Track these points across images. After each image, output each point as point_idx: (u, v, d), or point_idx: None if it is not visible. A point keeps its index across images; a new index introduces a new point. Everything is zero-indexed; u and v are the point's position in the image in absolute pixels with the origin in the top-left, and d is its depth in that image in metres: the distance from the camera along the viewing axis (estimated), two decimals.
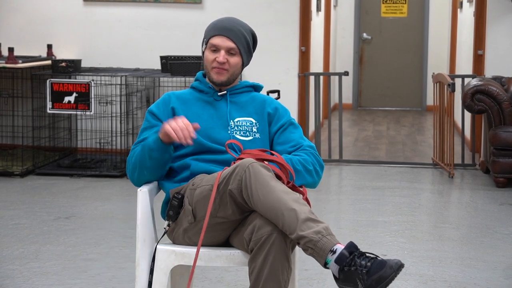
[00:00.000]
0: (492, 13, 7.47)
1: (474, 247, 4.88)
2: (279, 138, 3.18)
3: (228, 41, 3.14)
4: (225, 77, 3.16)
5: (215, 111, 3.17)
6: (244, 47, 3.18)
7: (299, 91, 7.75)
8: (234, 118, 3.16)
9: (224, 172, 2.85)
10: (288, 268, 2.78)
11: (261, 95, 3.28)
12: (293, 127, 3.20)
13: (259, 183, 2.76)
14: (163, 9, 7.62)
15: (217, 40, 3.14)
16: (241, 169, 2.80)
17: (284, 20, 7.57)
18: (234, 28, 3.16)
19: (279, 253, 2.74)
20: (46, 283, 4.11)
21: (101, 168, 6.89)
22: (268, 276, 2.73)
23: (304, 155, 3.10)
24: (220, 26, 3.17)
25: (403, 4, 12.23)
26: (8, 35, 7.68)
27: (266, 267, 2.73)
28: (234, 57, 3.16)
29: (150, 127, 3.14)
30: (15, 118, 7.42)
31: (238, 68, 3.19)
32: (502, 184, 6.54)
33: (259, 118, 3.18)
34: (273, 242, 2.73)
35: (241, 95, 3.23)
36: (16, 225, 5.23)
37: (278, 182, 2.80)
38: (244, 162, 2.82)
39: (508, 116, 6.58)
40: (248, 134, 3.14)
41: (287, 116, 3.22)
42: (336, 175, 7.21)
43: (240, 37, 3.16)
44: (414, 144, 8.93)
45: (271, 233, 2.74)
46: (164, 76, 6.88)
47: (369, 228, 5.29)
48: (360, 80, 12.50)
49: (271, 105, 3.22)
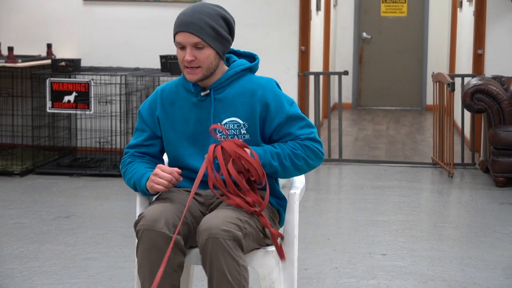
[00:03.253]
0: (492, 13, 7.47)
1: (473, 246, 4.88)
2: (278, 134, 3.02)
3: (191, 36, 2.91)
4: (199, 76, 2.95)
5: (201, 113, 3.00)
6: (211, 36, 2.91)
7: (299, 90, 7.75)
8: (221, 121, 2.98)
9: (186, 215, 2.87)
10: (238, 266, 2.75)
11: (252, 84, 3.02)
12: (291, 120, 3.00)
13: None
14: (163, 9, 7.62)
15: (180, 37, 2.93)
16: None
17: (284, 20, 7.57)
18: (195, 19, 2.90)
19: (220, 254, 2.72)
20: (46, 282, 4.11)
21: (101, 168, 6.89)
22: (219, 278, 2.73)
23: (298, 146, 2.97)
24: (180, 21, 2.93)
25: (403, 4, 12.23)
26: (7, 34, 7.68)
27: (213, 271, 2.74)
28: (203, 50, 2.92)
29: (140, 130, 3.11)
30: (14, 117, 7.42)
31: (213, 60, 2.95)
32: (502, 184, 6.54)
33: (248, 117, 2.98)
34: (212, 244, 2.72)
35: (228, 88, 3.01)
36: (15, 225, 5.23)
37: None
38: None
39: (507, 116, 6.58)
40: (236, 138, 2.98)
41: (282, 110, 2.99)
42: (336, 174, 7.21)
43: (203, 28, 2.90)
44: (413, 144, 8.92)
45: (208, 236, 2.73)
46: (164, 76, 6.88)
47: (369, 227, 5.29)
48: (360, 79, 12.49)
49: (263, 100, 2.98)
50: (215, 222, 2.75)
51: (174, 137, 3.04)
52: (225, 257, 2.72)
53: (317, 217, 5.58)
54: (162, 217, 2.81)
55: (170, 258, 2.79)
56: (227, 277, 2.72)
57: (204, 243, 2.73)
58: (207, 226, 2.76)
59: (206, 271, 2.77)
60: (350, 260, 4.57)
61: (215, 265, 2.72)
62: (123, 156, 3.15)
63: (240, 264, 2.75)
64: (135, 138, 3.13)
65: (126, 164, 3.11)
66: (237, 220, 2.80)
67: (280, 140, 3.02)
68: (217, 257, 2.72)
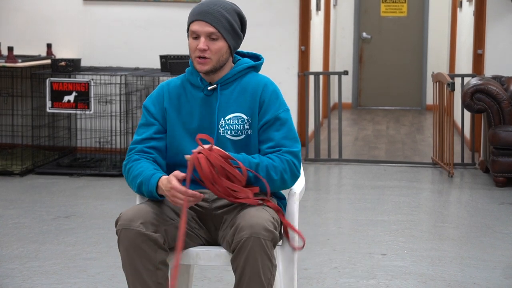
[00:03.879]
0: (492, 13, 7.47)
1: (473, 246, 4.88)
2: (261, 135, 3.00)
3: (207, 26, 2.92)
4: (209, 66, 2.95)
5: (206, 108, 3.01)
6: (226, 29, 2.94)
7: (299, 90, 7.75)
8: (225, 116, 2.99)
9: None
10: (272, 266, 2.78)
11: (255, 80, 3.05)
12: (279, 124, 2.98)
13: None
14: (163, 8, 7.62)
15: (195, 26, 2.93)
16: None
17: (284, 20, 7.57)
18: (212, 10, 2.92)
19: (260, 253, 2.73)
20: (46, 282, 4.11)
21: (101, 167, 6.89)
22: (251, 277, 2.74)
23: (277, 160, 2.93)
24: (198, 11, 2.94)
25: (402, 4, 12.23)
26: (7, 34, 7.68)
27: (248, 268, 2.74)
28: (216, 42, 2.94)
29: (147, 125, 3.05)
30: (14, 117, 7.42)
31: (224, 54, 2.96)
32: (502, 184, 6.54)
33: (251, 112, 3.00)
34: (252, 243, 2.72)
35: (234, 83, 3.03)
36: (15, 224, 5.23)
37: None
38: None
39: (507, 116, 6.58)
40: (239, 133, 2.99)
41: (274, 109, 3.00)
42: (336, 174, 7.21)
43: (220, 20, 2.92)
44: (413, 144, 8.92)
45: (250, 235, 2.73)
46: (164, 75, 6.88)
47: (368, 227, 5.29)
48: (360, 79, 12.50)
49: (262, 96, 3.01)
50: (258, 222, 2.76)
51: (179, 130, 3.02)
52: (262, 257, 2.74)
53: (317, 217, 5.58)
54: (139, 216, 2.82)
55: (151, 257, 2.81)
56: (260, 276, 2.74)
57: (245, 241, 2.73)
58: (250, 224, 2.76)
59: (236, 267, 2.77)
60: (350, 260, 4.57)
61: (251, 263, 2.74)
62: (128, 152, 3.05)
63: (273, 264, 2.79)
64: (142, 133, 3.05)
65: (132, 160, 3.01)
66: (274, 221, 2.85)
67: (261, 144, 2.99)
68: (254, 256, 2.73)
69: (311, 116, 8.40)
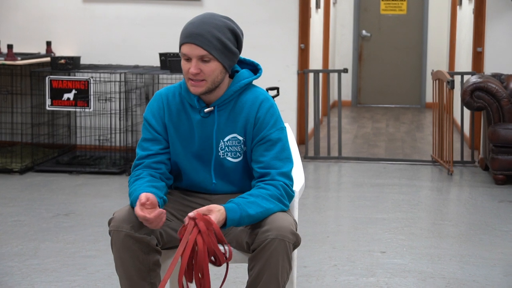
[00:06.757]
0: (491, 11, 7.47)
1: (473, 244, 4.88)
2: (253, 154, 2.93)
3: (198, 49, 2.82)
4: (203, 89, 2.88)
5: (204, 130, 2.95)
6: (218, 50, 2.84)
7: (299, 88, 7.75)
8: (224, 137, 2.95)
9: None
10: (289, 269, 2.80)
11: (252, 98, 2.96)
12: (270, 144, 2.91)
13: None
14: (162, 6, 7.62)
15: (186, 49, 2.84)
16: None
17: (283, 17, 7.56)
18: (203, 31, 2.82)
19: (282, 255, 2.74)
20: (45, 280, 4.12)
21: (100, 165, 6.89)
22: (269, 277, 2.75)
23: (271, 189, 2.86)
24: (187, 32, 2.84)
25: (402, 1, 12.23)
26: (7, 32, 7.68)
27: (267, 269, 2.74)
28: (209, 64, 2.84)
29: (151, 140, 2.99)
30: (14, 115, 7.42)
31: (219, 74, 2.87)
32: (501, 181, 6.54)
33: (244, 132, 2.95)
34: (277, 245, 2.73)
35: (231, 103, 2.95)
36: (15, 222, 5.23)
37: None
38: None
39: (507, 113, 6.58)
40: (238, 155, 2.96)
41: (268, 128, 2.92)
42: (335, 172, 7.21)
43: (210, 41, 2.82)
44: (413, 141, 8.93)
45: (276, 237, 2.73)
46: (163, 73, 6.87)
47: (368, 225, 5.29)
48: (359, 77, 12.49)
49: (258, 114, 2.93)
50: (284, 224, 2.76)
51: (181, 150, 3.00)
52: (283, 259, 2.75)
53: (316, 215, 5.58)
54: (130, 218, 2.81)
55: (143, 258, 2.81)
56: (278, 278, 2.75)
57: (270, 241, 2.73)
58: (276, 226, 2.75)
59: (254, 265, 2.76)
60: (350, 257, 4.57)
61: (272, 264, 2.74)
62: (134, 169, 2.99)
63: (291, 268, 2.81)
64: (147, 149, 2.99)
65: (135, 176, 2.96)
66: (296, 225, 2.88)
67: (253, 162, 2.94)
68: (277, 257, 2.73)
69: (310, 114, 8.40)
